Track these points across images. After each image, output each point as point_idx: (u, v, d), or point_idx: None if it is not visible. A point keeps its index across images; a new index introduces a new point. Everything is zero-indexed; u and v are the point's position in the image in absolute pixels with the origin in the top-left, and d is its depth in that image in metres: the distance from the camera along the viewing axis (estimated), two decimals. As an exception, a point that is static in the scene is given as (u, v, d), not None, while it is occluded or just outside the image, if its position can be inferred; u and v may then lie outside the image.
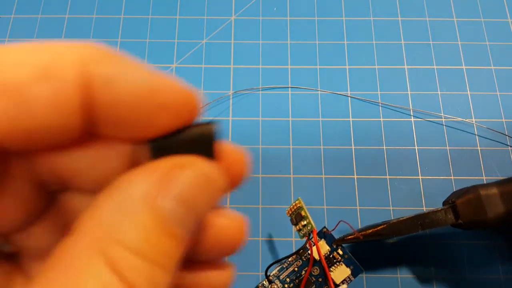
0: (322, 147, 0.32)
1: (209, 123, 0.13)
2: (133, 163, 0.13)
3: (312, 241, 0.26)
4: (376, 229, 0.26)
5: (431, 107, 0.33)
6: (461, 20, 0.36)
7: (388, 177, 0.31)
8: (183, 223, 0.11)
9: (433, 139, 0.32)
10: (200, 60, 0.35)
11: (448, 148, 0.32)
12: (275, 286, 0.26)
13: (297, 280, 0.27)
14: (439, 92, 0.34)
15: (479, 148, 0.32)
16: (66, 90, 0.10)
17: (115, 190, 0.11)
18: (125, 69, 0.11)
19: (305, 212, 0.25)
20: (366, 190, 0.31)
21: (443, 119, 0.33)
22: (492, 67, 0.35)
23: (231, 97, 0.34)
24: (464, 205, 0.25)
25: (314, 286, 0.26)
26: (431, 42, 0.36)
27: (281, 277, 0.27)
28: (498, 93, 0.34)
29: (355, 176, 0.31)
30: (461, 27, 0.36)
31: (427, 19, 0.37)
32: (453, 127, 0.33)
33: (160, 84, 0.11)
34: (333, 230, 0.27)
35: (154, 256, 0.11)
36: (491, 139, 0.32)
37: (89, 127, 0.12)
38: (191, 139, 0.12)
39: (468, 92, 0.34)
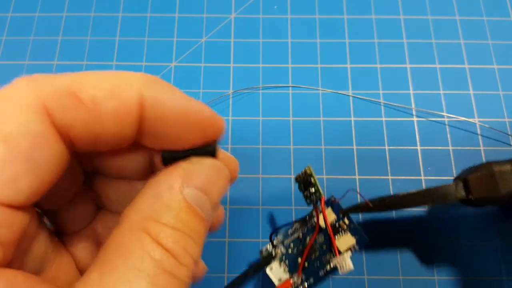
0: (323, 147, 0.32)
1: (213, 142, 0.16)
2: (150, 162, 0.17)
3: (319, 208, 0.26)
4: (385, 200, 0.25)
5: (433, 107, 0.33)
6: (463, 19, 0.36)
7: (390, 177, 0.31)
8: (202, 205, 0.15)
9: (436, 139, 0.32)
10: (200, 59, 0.35)
11: (450, 148, 0.32)
12: (279, 251, 0.26)
13: (301, 246, 0.26)
14: (441, 92, 0.34)
15: (482, 148, 0.32)
16: (128, 106, 0.14)
17: (148, 188, 0.15)
18: (170, 94, 0.15)
19: (314, 180, 0.25)
20: (367, 190, 0.30)
21: (446, 119, 0.33)
22: (495, 66, 0.34)
23: (230, 96, 0.33)
24: (476, 181, 0.25)
25: (318, 253, 0.26)
26: (433, 41, 0.35)
27: (285, 242, 0.27)
28: (501, 92, 0.33)
29: (357, 177, 0.31)
30: (463, 26, 0.36)
31: (430, 17, 0.36)
32: (455, 127, 0.32)
33: (194, 107, 0.15)
34: (340, 199, 0.27)
35: (185, 229, 0.14)
36: (494, 139, 0.32)
37: (137, 137, 0.15)
38: (196, 153, 0.16)
39: (471, 92, 0.34)
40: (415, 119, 0.33)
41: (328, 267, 0.26)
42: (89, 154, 0.16)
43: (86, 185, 0.18)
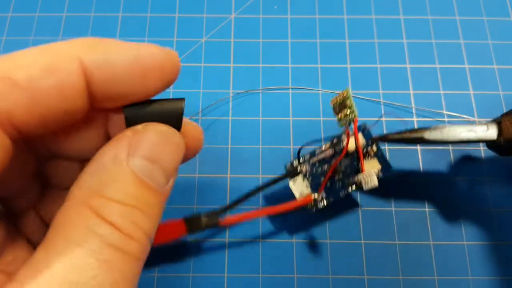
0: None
1: (178, 99, 0.15)
2: (108, 136, 0.16)
3: (351, 131, 0.26)
4: (416, 131, 0.26)
5: (433, 106, 0.33)
6: (463, 19, 0.36)
7: (390, 177, 0.31)
8: (152, 176, 0.14)
9: (436, 139, 0.32)
10: (200, 59, 0.35)
11: (450, 148, 0.32)
12: (304, 168, 0.27)
13: (326, 167, 0.27)
14: (441, 91, 0.34)
15: (481, 148, 0.32)
16: (69, 78, 0.13)
17: (92, 162, 0.14)
18: (114, 49, 0.13)
19: (351, 102, 0.25)
20: (367, 192, 0.30)
21: (446, 118, 0.33)
22: (495, 66, 0.34)
23: (231, 96, 0.33)
24: (509, 122, 0.25)
25: (341, 175, 0.27)
26: (433, 41, 0.35)
27: (311, 161, 0.27)
28: (501, 92, 0.33)
29: (357, 177, 0.31)
30: (463, 26, 0.36)
31: (429, 17, 0.36)
32: (455, 127, 0.32)
33: (142, 53, 0.14)
34: (371, 126, 0.27)
35: (133, 203, 0.13)
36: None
37: (91, 104, 0.14)
38: (162, 111, 0.15)
39: (471, 91, 0.34)
40: (415, 119, 0.33)
41: (349, 188, 0.27)
42: (43, 139, 0.16)
43: (41, 172, 0.18)
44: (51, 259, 0.12)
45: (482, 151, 0.32)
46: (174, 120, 0.15)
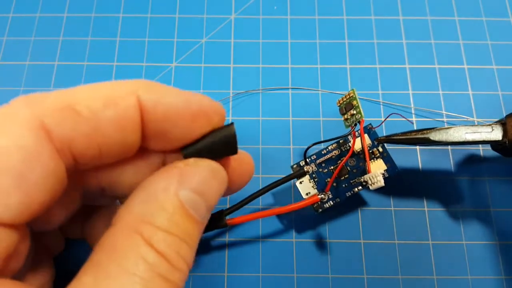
0: (323, 147, 0.32)
1: (227, 125, 0.16)
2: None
3: (357, 132, 0.26)
4: (422, 132, 0.26)
5: (432, 107, 0.33)
6: (462, 19, 0.36)
7: (389, 177, 0.31)
8: (197, 208, 0.14)
9: (435, 139, 0.32)
10: (200, 60, 0.35)
11: (449, 148, 0.32)
12: (310, 168, 0.27)
13: (332, 167, 0.28)
14: (440, 92, 0.34)
15: (480, 148, 0.32)
16: (127, 112, 0.14)
17: (141, 188, 0.14)
18: (167, 92, 0.14)
19: (357, 102, 0.26)
20: (367, 191, 0.31)
21: (445, 119, 0.33)
22: (494, 66, 0.34)
23: (230, 97, 0.33)
24: None
25: (347, 176, 0.27)
26: (432, 41, 0.35)
27: (318, 161, 0.28)
28: (499, 92, 0.34)
29: (356, 176, 0.31)
30: (462, 26, 0.36)
31: (429, 18, 0.36)
32: (454, 127, 0.32)
33: (192, 99, 0.15)
34: (378, 126, 0.28)
35: (178, 233, 0.14)
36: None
37: (143, 141, 0.15)
38: (217, 142, 0.16)
39: (470, 92, 0.34)
40: (414, 119, 0.33)
41: (355, 189, 0.27)
42: (96, 175, 0.16)
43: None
44: (102, 285, 0.12)
45: (482, 150, 0.32)
46: (230, 146, 0.16)
